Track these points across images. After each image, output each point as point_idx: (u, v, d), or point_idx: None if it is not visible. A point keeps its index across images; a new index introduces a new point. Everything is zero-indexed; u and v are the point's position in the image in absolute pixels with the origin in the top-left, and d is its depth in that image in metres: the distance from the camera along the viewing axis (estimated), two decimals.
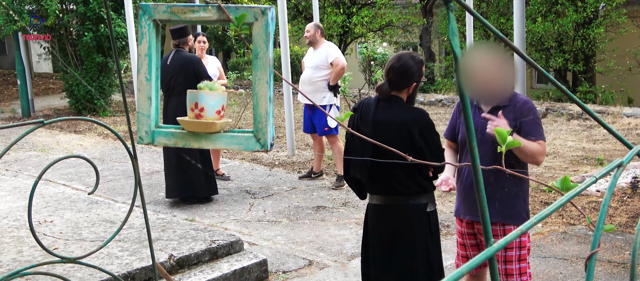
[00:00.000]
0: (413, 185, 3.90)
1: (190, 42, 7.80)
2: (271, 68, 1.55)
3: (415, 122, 3.85)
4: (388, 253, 4.02)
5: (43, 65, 25.71)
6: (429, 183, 3.97)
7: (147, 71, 1.65)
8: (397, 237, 3.98)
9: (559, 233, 6.40)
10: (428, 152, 3.82)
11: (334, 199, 7.86)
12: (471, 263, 0.90)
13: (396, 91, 3.93)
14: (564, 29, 15.43)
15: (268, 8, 1.54)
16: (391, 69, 3.93)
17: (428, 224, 3.97)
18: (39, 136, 12.80)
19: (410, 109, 3.95)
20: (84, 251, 4.84)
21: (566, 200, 1.10)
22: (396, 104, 3.93)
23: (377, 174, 3.91)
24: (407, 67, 3.91)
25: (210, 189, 7.92)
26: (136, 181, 2.62)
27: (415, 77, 3.93)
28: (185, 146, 1.69)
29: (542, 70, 1.25)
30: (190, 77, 7.39)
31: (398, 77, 3.91)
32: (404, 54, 4.00)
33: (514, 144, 1.42)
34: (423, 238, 3.95)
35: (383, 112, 3.91)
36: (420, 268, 3.97)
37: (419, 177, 3.89)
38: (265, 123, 1.57)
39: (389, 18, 19.90)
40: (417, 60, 3.97)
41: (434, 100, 15.02)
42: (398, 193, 3.93)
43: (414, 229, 3.95)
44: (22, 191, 6.94)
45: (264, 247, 6.36)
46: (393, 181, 3.90)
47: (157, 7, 1.61)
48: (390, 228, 4.00)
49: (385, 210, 4.00)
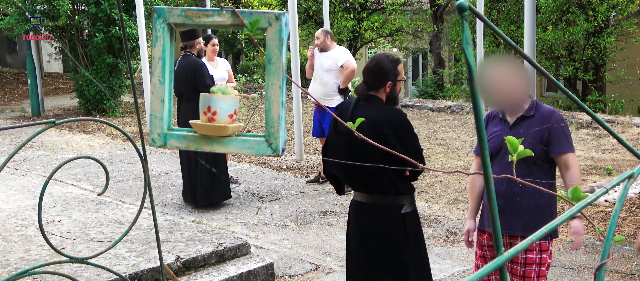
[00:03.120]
0: (389, 184, 3.95)
1: (198, 45, 7.78)
2: (284, 73, 1.55)
3: (389, 122, 3.90)
4: (363, 249, 4.10)
5: (53, 65, 25.83)
6: (405, 184, 4.00)
7: (161, 73, 1.66)
8: (369, 234, 4.06)
9: (566, 242, 6.38)
10: (405, 152, 3.83)
11: (341, 204, 7.86)
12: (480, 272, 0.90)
13: (373, 90, 4.01)
14: (575, 38, 15.38)
15: (282, 13, 1.55)
16: (366, 69, 4.05)
17: (403, 225, 3.99)
18: (48, 136, 12.85)
19: (386, 109, 4.00)
20: (91, 252, 4.85)
21: (576, 210, 1.10)
22: (374, 104, 4.01)
23: (354, 172, 3.98)
24: (380, 67, 3.99)
25: (226, 194, 7.96)
26: (146, 183, 2.63)
27: (390, 76, 3.99)
28: (197, 149, 1.70)
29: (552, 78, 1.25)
30: (193, 83, 7.41)
31: (373, 77, 4.00)
32: (379, 55, 4.10)
33: (525, 153, 1.42)
34: (395, 236, 3.99)
35: (360, 111, 3.96)
36: (390, 267, 4.00)
37: (395, 177, 3.93)
38: (277, 128, 1.58)
39: (399, 24, 19.88)
40: (391, 59, 4.04)
41: (443, 107, 14.99)
42: (377, 192, 4.00)
43: (387, 227, 4.01)
44: (30, 190, 6.97)
45: (270, 251, 6.36)
46: (370, 180, 3.97)
47: (171, 10, 1.62)
48: (367, 224, 4.08)
49: (364, 207, 4.08)
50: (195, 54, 7.72)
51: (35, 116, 15.97)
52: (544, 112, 3.80)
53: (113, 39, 14.79)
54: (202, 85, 7.44)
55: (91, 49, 15.23)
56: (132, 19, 14.45)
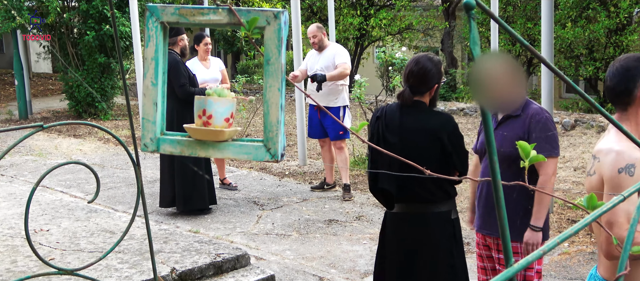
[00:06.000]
0: (439, 191, 4.00)
1: (180, 43, 7.77)
2: (283, 75, 1.56)
3: (444, 128, 3.94)
4: (409, 262, 4.09)
5: (42, 65, 25.89)
6: (453, 189, 4.08)
7: (154, 75, 1.67)
8: (420, 245, 4.06)
9: (586, 254, 6.38)
10: (456, 157, 3.94)
11: (347, 213, 7.87)
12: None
13: (418, 95, 4.01)
14: (595, 36, 15.36)
15: (281, 11, 1.56)
16: (410, 73, 4.01)
17: (453, 231, 4.07)
18: (36, 140, 12.89)
19: (436, 114, 4.05)
20: (81, 263, 4.87)
21: (592, 219, 1.11)
22: (420, 109, 4.02)
23: (405, 183, 3.97)
24: (425, 70, 3.99)
25: (212, 199, 7.97)
26: (139, 190, 2.64)
27: (436, 78, 4.01)
28: (191, 154, 1.71)
29: (567, 80, 1.26)
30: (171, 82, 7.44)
31: (419, 81, 3.99)
32: (422, 57, 4.08)
33: (537, 159, 1.43)
34: (447, 245, 4.05)
35: (409, 119, 3.98)
36: (443, 275, 4.05)
37: (445, 183, 3.98)
38: (276, 132, 1.58)
39: (409, 21, 19.87)
40: (435, 61, 4.05)
41: (456, 109, 14.99)
42: (422, 201, 4.02)
43: (438, 237, 4.04)
44: (17, 197, 6.99)
45: (271, 262, 6.37)
46: (419, 189, 3.98)
47: (165, 8, 1.63)
48: (412, 237, 4.08)
49: (407, 218, 4.09)
50: (177, 52, 7.72)
51: (22, 118, 16.03)
52: (530, 112, 3.84)
53: (105, 37, 14.83)
54: (176, 84, 7.47)
55: (82, 48, 15.27)
56: (125, 16, 14.49)
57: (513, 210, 3.87)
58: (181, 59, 7.72)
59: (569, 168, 9.65)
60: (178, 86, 7.50)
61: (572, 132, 12.23)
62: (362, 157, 10.11)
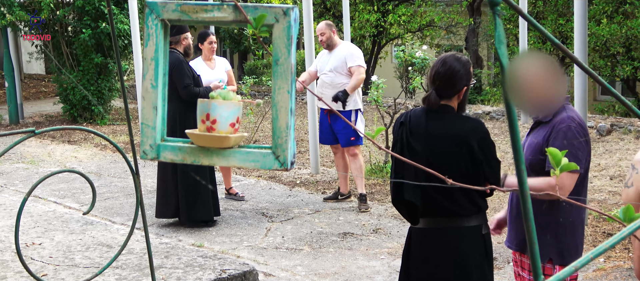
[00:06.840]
0: (468, 204, 3.93)
1: (184, 41, 7.79)
2: (293, 76, 1.57)
3: (473, 134, 3.88)
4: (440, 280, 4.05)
5: (34, 65, 26.02)
6: (484, 202, 4.01)
7: (153, 76, 1.67)
8: (450, 263, 4.00)
9: (624, 270, 6.34)
10: (487, 166, 3.86)
11: (363, 225, 7.86)
12: None
13: (446, 99, 3.96)
14: (633, 33, 15.28)
15: (291, 8, 1.56)
16: (437, 75, 3.96)
17: (484, 248, 4.00)
18: (28, 146, 12.95)
19: (465, 119, 4.01)
20: (76, 279, 4.88)
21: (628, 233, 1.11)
22: (448, 113, 3.98)
23: (432, 195, 3.92)
24: (453, 71, 3.94)
25: (216, 210, 7.99)
26: (137, 200, 2.65)
27: (464, 80, 3.96)
28: (194, 162, 1.71)
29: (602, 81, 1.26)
30: (173, 83, 7.47)
31: (446, 83, 3.94)
32: (449, 56, 4.02)
33: (569, 167, 1.42)
34: (479, 262, 3.98)
35: (436, 124, 3.94)
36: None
37: (475, 195, 3.92)
38: (285, 138, 1.58)
39: (430, 17, 19.84)
40: (463, 61, 4.00)
41: (482, 112, 14.94)
42: (451, 214, 3.96)
43: (469, 253, 3.97)
44: (7, 208, 7.02)
45: (281, 278, 6.37)
46: (446, 201, 3.92)
47: (165, 5, 1.64)
48: (441, 254, 4.02)
49: (434, 234, 4.03)
50: (181, 51, 7.74)
51: (13, 123, 16.11)
52: (557, 119, 3.78)
53: (102, 35, 14.87)
54: (179, 85, 7.50)
55: (77, 48, 15.31)
56: (123, 13, 14.55)
57: (542, 223, 3.83)
58: (185, 58, 7.75)
59: (605, 177, 9.60)
60: (182, 87, 7.53)
61: (607, 138, 12.17)
62: (379, 164, 10.10)
